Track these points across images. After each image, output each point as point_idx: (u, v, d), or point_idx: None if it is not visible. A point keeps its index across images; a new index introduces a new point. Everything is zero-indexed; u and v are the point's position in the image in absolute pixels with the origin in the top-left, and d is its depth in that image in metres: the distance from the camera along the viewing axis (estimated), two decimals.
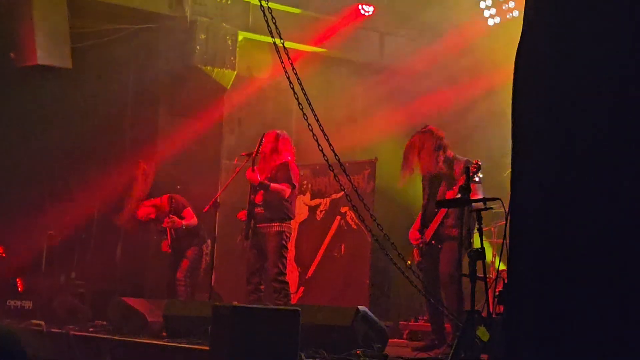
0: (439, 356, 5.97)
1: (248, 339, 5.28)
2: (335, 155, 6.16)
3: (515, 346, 3.64)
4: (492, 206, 5.36)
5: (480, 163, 6.17)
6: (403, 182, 7.25)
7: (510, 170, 3.69)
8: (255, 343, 5.28)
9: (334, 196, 10.45)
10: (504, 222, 8.76)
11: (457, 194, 6.13)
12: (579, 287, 3.25)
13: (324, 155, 6.10)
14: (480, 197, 5.73)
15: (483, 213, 5.59)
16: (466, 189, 5.54)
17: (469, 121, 9.83)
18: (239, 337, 5.28)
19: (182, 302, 8.55)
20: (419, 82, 10.50)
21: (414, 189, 7.83)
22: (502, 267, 7.61)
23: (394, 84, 10.86)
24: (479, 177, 6.11)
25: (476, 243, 5.52)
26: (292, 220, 8.28)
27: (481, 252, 5.20)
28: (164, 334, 7.57)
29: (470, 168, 5.85)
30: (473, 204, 5.56)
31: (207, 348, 5.75)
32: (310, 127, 6.19)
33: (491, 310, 5.24)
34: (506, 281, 5.23)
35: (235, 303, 6.65)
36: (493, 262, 8.80)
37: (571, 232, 3.32)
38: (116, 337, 7.53)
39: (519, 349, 3.59)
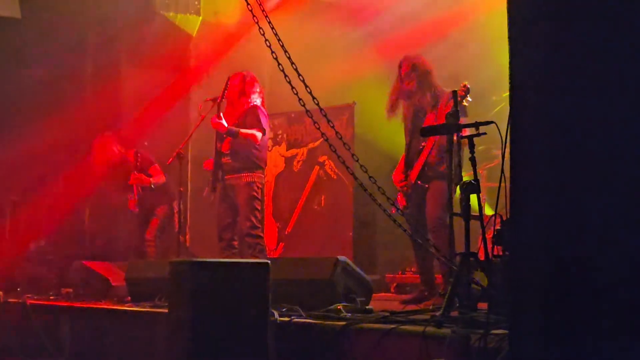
0: (430, 307, 5.21)
1: (211, 298, 4.52)
2: (314, 98, 5.36)
3: (521, 292, 3.16)
4: (485, 131, 4.55)
5: (468, 86, 5.38)
6: (390, 114, 6.53)
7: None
8: (219, 302, 4.52)
9: (311, 145, 9.70)
10: (497, 161, 8.14)
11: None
12: (593, 220, 2.88)
13: (299, 99, 5.30)
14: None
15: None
16: (454, 115, 4.74)
17: (455, 53, 9.01)
18: (201, 296, 4.52)
19: (145, 263, 7.82)
20: (398, 19, 9.67)
21: (396, 133, 7.14)
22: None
23: (372, 23, 10.02)
24: (468, 101, 5.33)
25: None
26: (263, 170, 7.50)
27: (475, 185, 4.42)
28: (128, 298, 6.84)
29: (458, 92, 5.04)
30: (462, 131, 4.75)
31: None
32: (282, 67, 5.38)
33: (489, 251, 4.47)
34: (504, 218, 4.46)
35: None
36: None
37: (584, 158, 2.92)
38: (75, 304, 6.81)
39: (526, 295, 3.12)
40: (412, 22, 9.27)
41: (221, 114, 7.29)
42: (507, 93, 7.86)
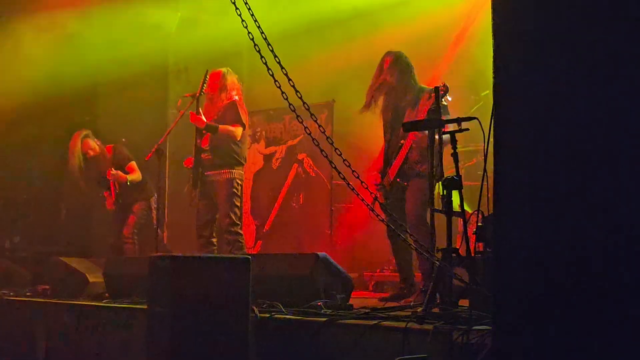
0: (411, 304, 5.18)
1: (190, 294, 4.46)
2: (297, 92, 5.29)
3: (504, 288, 3.13)
4: (467, 127, 4.53)
5: (447, 85, 5.36)
6: (365, 109, 6.48)
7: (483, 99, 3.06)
8: (200, 297, 4.47)
9: (290, 143, 9.65)
10: (475, 160, 8.12)
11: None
12: (578, 217, 2.87)
13: (282, 93, 5.23)
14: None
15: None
16: (436, 111, 4.71)
17: (434, 53, 8.98)
18: (181, 292, 4.46)
19: (124, 258, 7.74)
20: (377, 17, 9.63)
21: (375, 131, 7.11)
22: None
23: (350, 20, 9.98)
24: (448, 100, 5.31)
25: None
26: (243, 166, 7.44)
27: (457, 181, 4.39)
28: (106, 294, 6.75)
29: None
30: (444, 126, 4.72)
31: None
32: (264, 60, 5.29)
33: (471, 248, 4.44)
34: (486, 214, 4.43)
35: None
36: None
37: (570, 155, 2.90)
38: (52, 301, 6.72)
39: (508, 291, 3.10)
40: (392, 21, 9.24)
41: (200, 110, 7.23)
42: (486, 92, 7.87)
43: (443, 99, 5.12)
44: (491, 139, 3.23)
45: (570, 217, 2.90)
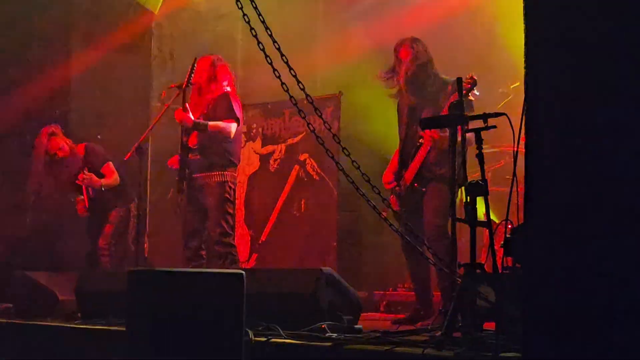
0: (429, 327, 5.21)
1: (175, 314, 4.47)
2: (299, 82, 5.32)
3: (535, 309, 3.20)
4: (494, 124, 4.54)
5: (475, 77, 5.38)
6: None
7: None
8: (186, 319, 4.48)
9: (290, 141, 9.68)
10: (504, 162, 8.15)
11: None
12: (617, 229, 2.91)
13: (282, 84, 5.25)
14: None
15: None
16: (459, 106, 4.72)
17: (458, 40, 9.01)
18: (163, 312, 4.47)
19: (99, 273, 7.79)
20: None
21: (388, 127, 7.14)
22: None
23: (361, 3, 10.02)
24: (475, 95, 5.32)
25: None
26: (236, 167, 7.46)
27: (482, 186, 4.41)
28: (79, 314, 6.80)
29: (464, 84, 5.03)
30: (468, 123, 4.74)
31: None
32: (262, 46, 5.31)
33: (497, 263, 4.47)
34: (516, 225, 4.45)
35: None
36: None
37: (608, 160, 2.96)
38: (16, 321, 6.76)
39: (540, 313, 3.16)
40: (408, 3, 9.26)
41: (187, 105, 7.22)
42: (516, 84, 7.90)
43: (470, 94, 5.13)
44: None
45: (605, 228, 2.93)
